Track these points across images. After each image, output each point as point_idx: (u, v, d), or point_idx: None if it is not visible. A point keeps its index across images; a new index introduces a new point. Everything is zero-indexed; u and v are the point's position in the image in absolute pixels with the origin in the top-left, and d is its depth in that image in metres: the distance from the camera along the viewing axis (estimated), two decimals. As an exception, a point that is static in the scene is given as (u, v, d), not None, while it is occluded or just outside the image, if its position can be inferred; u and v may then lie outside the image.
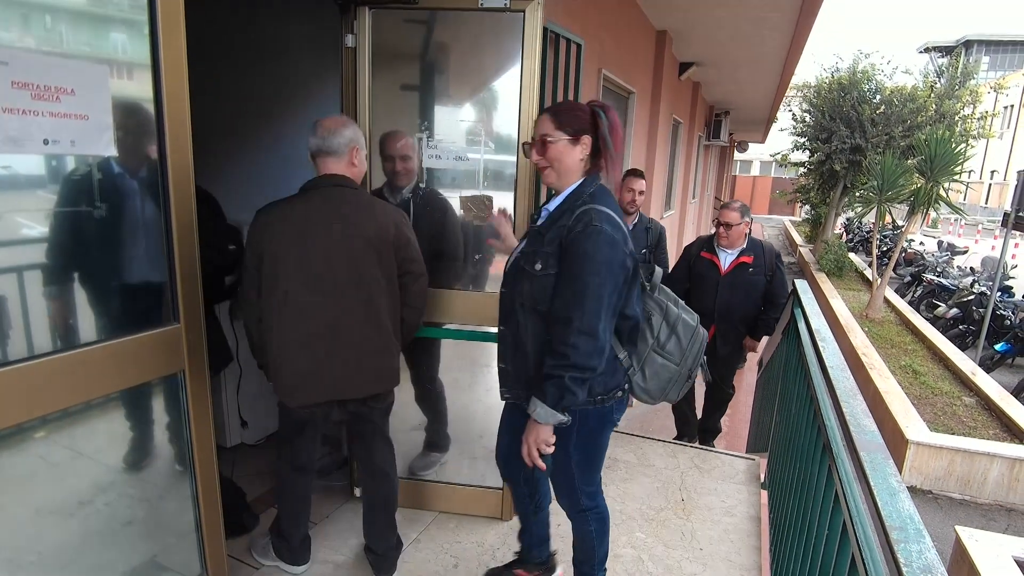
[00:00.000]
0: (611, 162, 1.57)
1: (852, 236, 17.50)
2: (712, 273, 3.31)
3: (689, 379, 1.71)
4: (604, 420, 1.67)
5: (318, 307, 1.75)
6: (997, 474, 4.75)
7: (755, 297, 3.31)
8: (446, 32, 2.24)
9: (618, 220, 1.52)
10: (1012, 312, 8.02)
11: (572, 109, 1.59)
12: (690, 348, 1.67)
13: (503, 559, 2.24)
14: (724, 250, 3.30)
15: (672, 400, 1.77)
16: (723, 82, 9.90)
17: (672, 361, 1.66)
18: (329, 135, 1.77)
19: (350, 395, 1.84)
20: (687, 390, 1.76)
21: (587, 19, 4.06)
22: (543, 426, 1.50)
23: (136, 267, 1.49)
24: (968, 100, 12.55)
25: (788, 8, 5.40)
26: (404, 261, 1.87)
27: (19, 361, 1.24)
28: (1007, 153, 28.54)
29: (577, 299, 1.45)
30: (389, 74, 2.27)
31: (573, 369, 1.44)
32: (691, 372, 1.70)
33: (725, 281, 3.28)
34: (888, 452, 1.26)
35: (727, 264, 3.29)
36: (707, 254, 3.35)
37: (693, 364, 1.70)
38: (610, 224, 1.48)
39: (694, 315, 1.70)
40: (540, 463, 1.55)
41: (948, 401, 5.97)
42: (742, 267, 3.28)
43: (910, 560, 0.92)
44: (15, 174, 1.22)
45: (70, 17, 1.29)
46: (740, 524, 2.56)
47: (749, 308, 3.33)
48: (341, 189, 1.79)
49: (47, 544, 1.38)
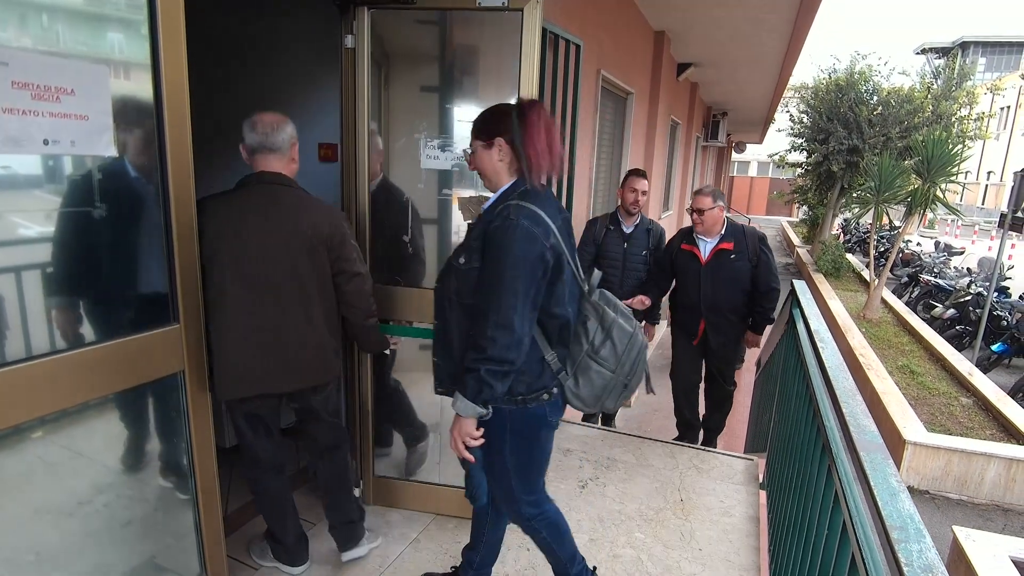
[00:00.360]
0: (530, 161, 1.53)
1: (849, 237, 17.55)
2: (693, 264, 3.20)
3: (627, 388, 1.65)
4: (536, 423, 1.63)
5: (252, 303, 1.76)
6: (994, 474, 4.77)
7: (742, 284, 3.17)
8: (445, 33, 2.24)
9: (543, 216, 1.50)
10: (1009, 313, 8.05)
11: (487, 115, 1.60)
12: (626, 355, 1.61)
13: (503, 560, 2.24)
14: (702, 239, 3.19)
15: (609, 410, 1.72)
16: (721, 83, 9.92)
17: (607, 368, 1.61)
18: (272, 131, 1.79)
19: (284, 388, 1.87)
20: (626, 398, 1.69)
21: (586, 19, 4.07)
22: (465, 419, 1.52)
23: (137, 267, 1.49)
24: (965, 101, 12.60)
25: (786, 9, 5.41)
26: (337, 260, 1.88)
27: (18, 361, 1.24)
28: (1003, 154, 28.63)
29: (494, 293, 1.45)
30: (388, 75, 2.27)
31: (490, 362, 1.45)
32: (628, 381, 1.64)
33: (707, 271, 3.16)
34: (888, 452, 1.27)
35: (707, 253, 3.17)
36: (687, 246, 3.23)
37: (631, 373, 1.64)
38: (530, 219, 1.48)
39: (632, 321, 1.64)
40: (467, 455, 1.57)
41: (945, 401, 5.99)
42: (722, 254, 3.15)
43: (911, 560, 0.93)
44: (14, 174, 1.22)
45: (71, 17, 1.29)
46: (739, 524, 2.56)
47: (737, 296, 3.19)
48: (278, 187, 1.81)
49: (46, 544, 1.37)
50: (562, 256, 1.54)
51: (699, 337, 3.31)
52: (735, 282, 3.16)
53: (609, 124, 5.46)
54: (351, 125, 2.23)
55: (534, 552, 2.29)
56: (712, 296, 3.17)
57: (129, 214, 1.45)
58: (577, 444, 3.22)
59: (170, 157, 1.45)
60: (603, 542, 2.39)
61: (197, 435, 1.64)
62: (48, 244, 1.29)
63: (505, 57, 2.12)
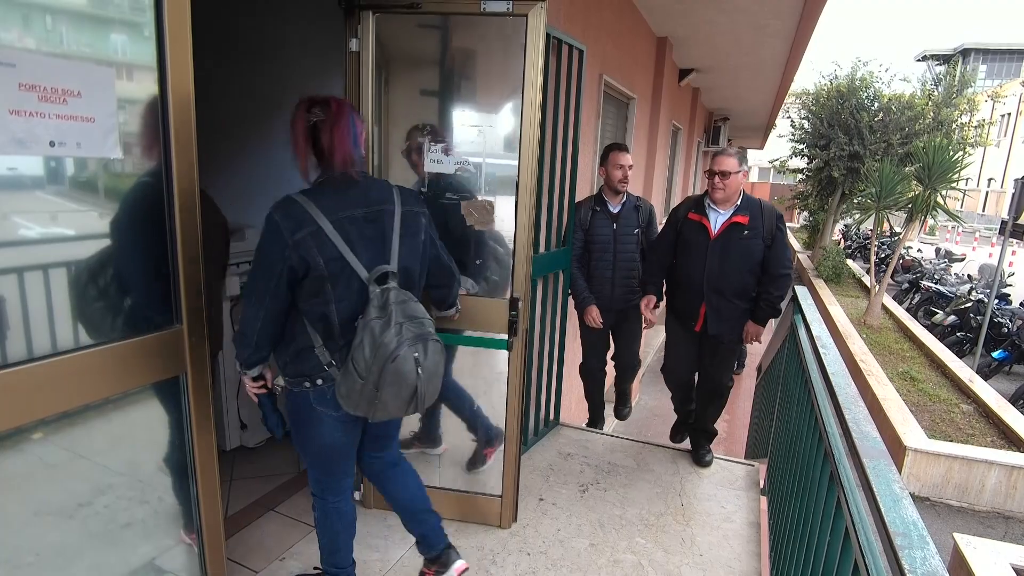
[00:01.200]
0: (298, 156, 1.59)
1: (850, 243, 17.57)
2: (701, 237, 2.76)
3: (378, 400, 1.55)
4: (302, 406, 1.67)
5: None
6: (995, 481, 4.76)
7: (751, 265, 2.73)
8: (449, 37, 2.25)
9: (304, 209, 1.52)
10: (1009, 319, 8.05)
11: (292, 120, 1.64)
12: (374, 363, 1.52)
13: (503, 564, 2.23)
14: (715, 210, 2.75)
15: (373, 418, 1.60)
16: (722, 88, 9.95)
17: (358, 371, 1.53)
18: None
19: None
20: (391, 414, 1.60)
21: (588, 25, 4.08)
22: (244, 376, 1.71)
23: (140, 269, 1.49)
24: (965, 108, 12.63)
25: (788, 15, 5.43)
26: None
27: (20, 363, 1.24)
28: (1004, 161, 28.68)
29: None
30: (392, 78, 2.28)
31: (240, 332, 1.62)
32: (378, 388, 1.53)
33: (715, 246, 2.73)
34: (891, 458, 1.27)
35: (718, 226, 2.74)
36: (695, 215, 2.79)
37: (379, 384, 1.53)
38: (282, 211, 1.51)
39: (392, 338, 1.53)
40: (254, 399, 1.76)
41: (946, 408, 5.98)
42: (735, 228, 2.71)
43: (915, 566, 0.93)
44: (19, 175, 1.22)
45: (78, 19, 1.29)
46: (740, 530, 2.56)
47: (745, 278, 2.75)
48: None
49: (46, 545, 1.37)
50: (311, 251, 1.51)
51: (700, 322, 2.86)
52: (745, 261, 2.73)
53: (611, 129, 5.47)
54: (354, 128, 2.23)
55: (534, 556, 2.29)
56: (718, 275, 2.75)
57: (140, 215, 1.44)
58: (577, 448, 3.22)
59: (175, 158, 1.45)
60: (604, 547, 2.38)
61: (199, 437, 1.64)
62: (57, 244, 1.30)
63: (509, 61, 2.12)
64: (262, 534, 2.33)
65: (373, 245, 1.61)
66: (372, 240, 1.61)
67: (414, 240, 1.71)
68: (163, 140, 1.44)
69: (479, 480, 2.46)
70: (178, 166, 1.47)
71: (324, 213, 1.53)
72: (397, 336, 1.54)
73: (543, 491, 2.77)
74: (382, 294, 1.58)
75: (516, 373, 2.31)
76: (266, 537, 2.31)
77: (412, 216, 1.71)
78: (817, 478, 1.62)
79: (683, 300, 2.91)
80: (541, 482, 2.85)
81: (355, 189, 1.62)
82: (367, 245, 1.60)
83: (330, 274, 1.54)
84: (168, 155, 1.45)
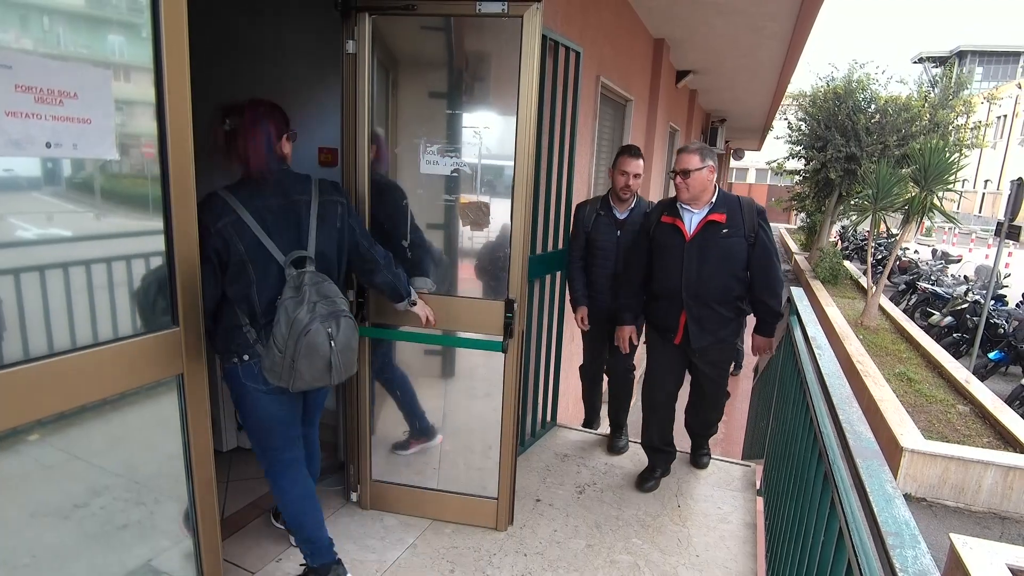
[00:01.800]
0: (237, 153, 1.77)
1: (847, 244, 17.62)
2: (675, 240, 2.54)
3: (295, 371, 1.70)
4: (233, 379, 1.83)
5: None
6: (991, 482, 4.78)
7: (733, 266, 2.51)
8: (445, 39, 2.25)
9: (225, 201, 1.69)
10: (1006, 321, 8.08)
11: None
12: (290, 337, 1.67)
13: (499, 565, 2.24)
14: (688, 209, 2.53)
15: (293, 388, 1.73)
16: (720, 90, 9.97)
17: (277, 346, 1.69)
18: None
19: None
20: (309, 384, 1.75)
21: (585, 26, 4.09)
22: None
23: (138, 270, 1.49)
24: (962, 110, 12.70)
25: (785, 17, 5.45)
26: None
27: (15, 364, 1.24)
28: (1000, 163, 28.78)
29: None
30: (389, 80, 2.28)
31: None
32: (294, 360, 1.69)
33: (691, 248, 2.50)
34: (884, 459, 1.28)
35: (693, 226, 2.52)
36: (668, 218, 2.57)
37: (296, 355, 1.68)
38: (206, 206, 1.65)
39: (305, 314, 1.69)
40: None
41: (942, 409, 6.00)
42: (712, 227, 2.49)
43: (906, 565, 0.93)
44: (15, 176, 1.22)
45: (75, 20, 1.30)
46: (736, 531, 2.56)
47: (727, 282, 2.52)
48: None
49: (42, 547, 1.37)
50: (233, 238, 1.68)
51: (680, 334, 2.62)
52: (726, 263, 2.50)
53: (608, 131, 5.48)
54: (351, 130, 2.24)
55: (531, 557, 2.29)
56: (696, 280, 2.51)
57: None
58: (574, 450, 3.22)
59: (171, 158, 1.46)
60: (600, 548, 2.39)
61: (195, 438, 1.64)
62: (52, 245, 1.30)
63: (505, 63, 2.13)
64: (259, 535, 2.33)
65: (289, 232, 1.78)
66: (288, 227, 1.78)
67: (330, 227, 1.88)
68: (160, 141, 1.44)
69: (475, 482, 2.46)
70: (174, 165, 1.47)
71: (242, 203, 1.71)
72: (310, 313, 1.69)
73: (540, 492, 2.78)
74: (298, 276, 1.73)
75: (512, 375, 2.31)
76: (263, 538, 2.31)
77: (330, 205, 1.88)
78: (812, 478, 1.63)
79: (661, 310, 2.68)
80: (538, 483, 2.85)
81: (273, 182, 1.79)
82: (284, 232, 1.77)
83: (250, 259, 1.71)
84: (165, 156, 1.45)
